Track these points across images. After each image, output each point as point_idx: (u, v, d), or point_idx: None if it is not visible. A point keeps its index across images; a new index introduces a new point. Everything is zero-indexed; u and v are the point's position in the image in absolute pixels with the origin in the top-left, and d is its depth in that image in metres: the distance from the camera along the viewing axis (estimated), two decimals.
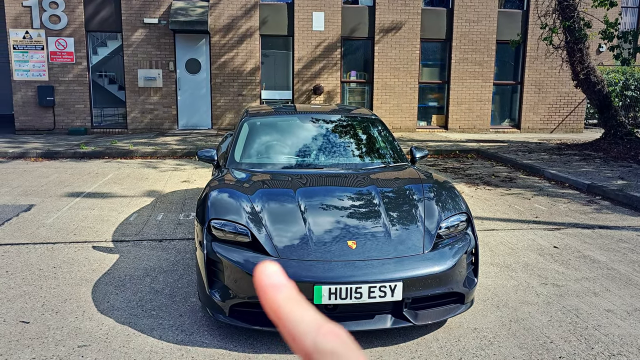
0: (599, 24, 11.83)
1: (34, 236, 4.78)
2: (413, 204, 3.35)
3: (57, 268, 4.01)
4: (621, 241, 4.77)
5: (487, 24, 12.77)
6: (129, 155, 9.47)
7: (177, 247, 4.53)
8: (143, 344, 2.90)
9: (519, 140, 11.75)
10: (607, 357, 2.80)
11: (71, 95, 11.86)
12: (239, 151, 4.20)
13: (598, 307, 3.39)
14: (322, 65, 12.43)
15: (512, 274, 3.96)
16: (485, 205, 6.07)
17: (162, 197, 6.37)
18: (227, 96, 12.30)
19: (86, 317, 3.21)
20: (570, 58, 10.36)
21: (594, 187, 6.74)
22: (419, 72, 12.76)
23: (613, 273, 3.99)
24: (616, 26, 9.70)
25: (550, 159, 8.98)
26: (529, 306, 3.40)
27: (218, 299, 2.90)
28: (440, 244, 3.08)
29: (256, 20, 12.08)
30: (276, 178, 3.71)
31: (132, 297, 3.49)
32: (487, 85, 13.01)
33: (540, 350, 2.86)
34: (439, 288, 2.91)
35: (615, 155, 9.13)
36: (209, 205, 3.21)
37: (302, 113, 4.76)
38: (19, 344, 2.88)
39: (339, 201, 3.36)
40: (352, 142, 4.47)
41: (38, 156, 9.27)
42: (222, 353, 2.82)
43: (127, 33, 11.80)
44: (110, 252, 4.39)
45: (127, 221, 5.29)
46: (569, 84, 13.02)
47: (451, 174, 8.05)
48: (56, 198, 6.23)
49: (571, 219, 5.51)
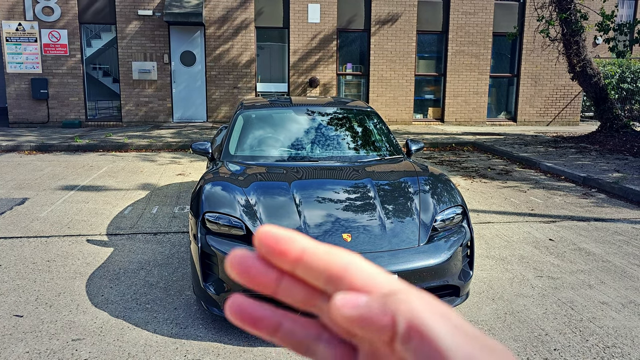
0: (596, 16, 11.81)
1: (28, 230, 4.74)
2: (408, 196, 3.34)
3: (51, 261, 3.99)
4: (616, 234, 4.78)
5: (483, 16, 12.72)
6: (124, 148, 9.41)
7: (171, 240, 4.51)
8: (137, 338, 2.89)
9: (515, 132, 11.75)
10: (601, 349, 2.81)
11: (65, 88, 11.76)
12: (233, 144, 4.18)
13: (593, 300, 3.39)
14: (318, 58, 12.37)
15: (508, 267, 3.96)
16: (481, 198, 6.07)
17: (157, 190, 6.34)
18: (222, 89, 12.23)
19: (80, 310, 3.19)
20: (567, 50, 10.34)
21: (589, 180, 6.75)
22: (415, 64, 12.72)
23: (608, 265, 4.00)
24: (612, 18, 9.68)
25: (546, 151, 8.98)
26: (524, 299, 3.41)
27: (212, 292, 2.89)
28: (435, 237, 3.08)
29: (251, 12, 11.99)
30: (271, 171, 3.69)
31: (126, 291, 3.48)
32: (483, 77, 12.98)
33: (535, 343, 2.87)
34: (434, 281, 2.91)
35: (611, 148, 9.14)
36: (203, 198, 3.19)
37: (298, 105, 4.74)
38: (12, 338, 2.87)
39: (334, 194, 3.35)
40: (347, 135, 4.45)
41: (32, 149, 9.20)
42: (217, 346, 2.82)
43: (121, 25, 11.69)
44: (104, 245, 4.36)
45: (122, 214, 5.26)
46: (566, 77, 13.01)
47: (447, 167, 8.05)
48: (50, 191, 6.19)
49: (567, 211, 5.52)
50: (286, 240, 0.30)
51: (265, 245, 0.30)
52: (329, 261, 0.30)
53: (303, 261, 0.30)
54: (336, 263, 0.30)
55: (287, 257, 0.30)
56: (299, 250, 0.30)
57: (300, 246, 0.30)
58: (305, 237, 0.31)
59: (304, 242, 0.30)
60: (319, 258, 0.30)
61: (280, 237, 0.30)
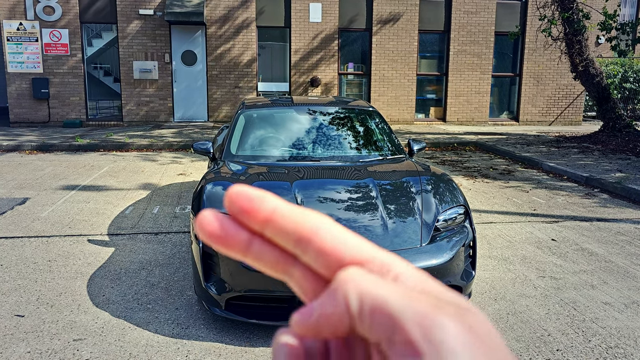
0: (598, 16, 11.77)
1: (29, 229, 4.74)
2: (410, 196, 3.32)
3: (52, 261, 3.98)
4: (619, 234, 4.76)
5: (485, 15, 12.69)
6: (125, 148, 9.41)
7: (173, 240, 4.50)
8: (139, 338, 2.89)
9: (517, 132, 11.73)
10: (604, 349, 2.80)
11: (66, 88, 11.76)
12: (235, 143, 4.17)
13: (595, 300, 3.38)
14: (320, 57, 12.36)
15: (510, 267, 3.95)
16: (484, 198, 6.05)
17: (158, 190, 6.33)
18: (223, 88, 12.22)
19: (81, 310, 3.19)
20: (569, 50, 10.31)
21: (592, 180, 6.73)
22: (417, 64, 12.69)
23: (611, 266, 3.98)
24: (615, 18, 9.65)
25: (548, 151, 8.96)
26: (526, 299, 3.39)
27: (214, 293, 2.88)
28: (437, 237, 3.07)
29: (253, 11, 11.98)
30: (272, 171, 3.68)
31: (127, 291, 3.47)
32: (485, 77, 12.96)
33: (537, 343, 2.85)
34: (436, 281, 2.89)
35: (613, 148, 9.12)
36: (204, 198, 3.18)
37: (299, 105, 4.72)
38: (14, 338, 2.86)
39: (335, 194, 3.34)
40: (349, 135, 4.44)
41: (33, 149, 9.20)
42: (218, 347, 2.81)
43: (123, 24, 11.69)
44: (105, 245, 4.36)
45: (123, 214, 5.25)
46: (568, 76, 12.98)
47: (449, 167, 8.03)
48: (51, 191, 6.19)
49: (569, 211, 5.50)
50: (257, 199, 0.29)
51: (235, 204, 0.29)
52: (298, 222, 0.29)
53: (273, 221, 0.29)
54: (306, 224, 0.29)
55: (257, 216, 0.29)
56: (269, 210, 0.29)
57: (272, 206, 0.29)
58: (278, 198, 0.30)
59: (275, 202, 0.29)
60: (289, 219, 0.29)
61: (251, 196, 0.29)
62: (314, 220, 0.29)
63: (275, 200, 0.29)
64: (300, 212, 0.29)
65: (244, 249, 0.30)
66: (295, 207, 0.30)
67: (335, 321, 0.26)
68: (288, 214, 0.29)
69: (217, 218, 0.30)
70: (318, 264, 0.28)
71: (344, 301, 0.26)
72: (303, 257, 0.29)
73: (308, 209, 0.30)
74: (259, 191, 0.30)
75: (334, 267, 0.28)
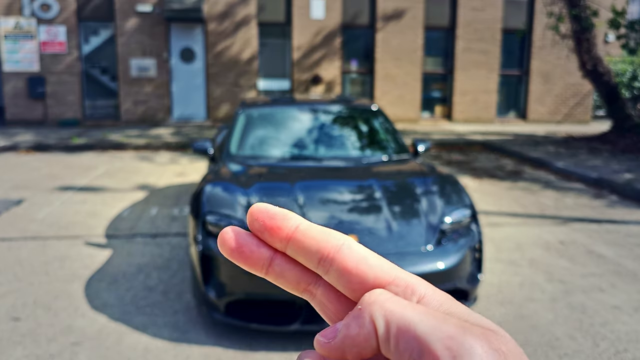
0: (607, 13, 11.62)
1: (25, 231, 4.69)
2: (415, 198, 3.25)
3: (49, 264, 3.93)
4: (628, 236, 4.67)
5: (492, 12, 12.56)
6: (122, 147, 9.33)
7: (171, 242, 4.44)
8: (137, 342, 2.84)
9: (525, 132, 11.60)
10: (613, 354, 2.75)
11: (62, 87, 11.68)
12: (235, 143, 4.10)
13: (604, 304, 3.31)
14: (322, 55, 12.26)
15: (518, 270, 3.87)
16: (491, 200, 5.96)
17: (156, 191, 6.27)
18: (223, 86, 12.11)
19: (78, 314, 3.14)
20: (577, 48, 10.17)
21: (601, 181, 6.62)
22: (422, 61, 12.58)
23: (620, 269, 3.90)
24: (623, 15, 9.50)
25: (557, 151, 8.84)
26: (534, 303, 3.33)
27: (213, 296, 2.82)
28: (443, 240, 3.00)
29: (253, 7, 11.87)
30: (274, 171, 3.61)
31: (125, 294, 3.41)
32: (492, 75, 12.82)
33: (545, 348, 2.81)
34: (442, 285, 2.82)
35: (623, 148, 8.99)
36: (204, 200, 3.12)
37: (301, 104, 4.65)
38: (10, 341, 2.83)
39: (338, 195, 3.27)
40: (352, 134, 4.36)
41: (29, 149, 9.13)
42: (218, 351, 2.76)
43: (120, 22, 11.60)
44: (102, 247, 4.30)
45: (120, 216, 5.19)
46: (576, 75, 12.81)
47: (455, 167, 7.94)
48: (47, 192, 6.13)
49: (578, 213, 5.40)
50: (280, 217, 0.30)
51: (257, 221, 0.30)
52: (321, 240, 0.29)
53: (295, 239, 0.29)
54: (329, 243, 0.29)
55: (279, 234, 0.30)
56: (292, 228, 0.30)
57: (294, 224, 0.30)
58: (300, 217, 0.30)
59: (298, 220, 0.30)
60: (312, 237, 0.29)
61: (273, 213, 0.30)
62: (337, 239, 0.29)
63: (297, 218, 0.30)
64: (322, 231, 0.30)
65: (265, 266, 0.30)
66: (317, 226, 0.30)
67: (361, 343, 0.26)
68: (310, 232, 0.29)
69: (238, 235, 0.30)
70: (341, 283, 0.29)
71: (370, 323, 0.26)
72: (325, 276, 0.29)
73: (330, 229, 0.30)
74: (281, 209, 0.30)
75: (356, 287, 0.28)
